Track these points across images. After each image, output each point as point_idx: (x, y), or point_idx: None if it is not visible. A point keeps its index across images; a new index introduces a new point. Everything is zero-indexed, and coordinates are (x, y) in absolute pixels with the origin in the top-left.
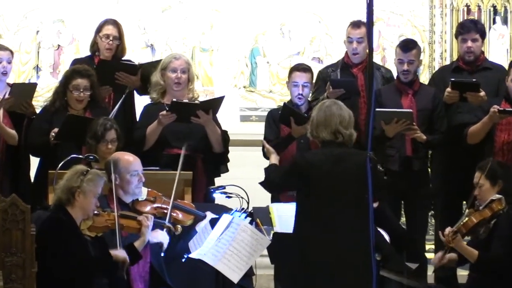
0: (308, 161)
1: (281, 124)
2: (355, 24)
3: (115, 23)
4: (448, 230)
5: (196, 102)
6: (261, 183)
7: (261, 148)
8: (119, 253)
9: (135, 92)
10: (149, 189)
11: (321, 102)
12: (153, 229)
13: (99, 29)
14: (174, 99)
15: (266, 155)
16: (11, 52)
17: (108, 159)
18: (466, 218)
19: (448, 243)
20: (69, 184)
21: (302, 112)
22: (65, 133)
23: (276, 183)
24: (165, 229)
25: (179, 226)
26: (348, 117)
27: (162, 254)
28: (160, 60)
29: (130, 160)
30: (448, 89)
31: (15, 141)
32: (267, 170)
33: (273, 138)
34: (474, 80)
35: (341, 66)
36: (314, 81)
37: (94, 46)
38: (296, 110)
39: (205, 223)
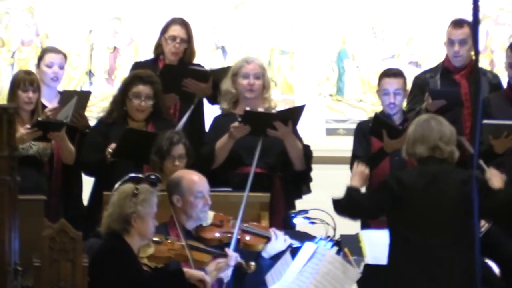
0: (401, 181)
1: (371, 137)
2: (457, 23)
3: (183, 23)
4: None
5: (273, 111)
6: (334, 203)
7: (349, 166)
8: (196, 272)
9: (205, 101)
10: (216, 213)
11: (418, 117)
12: None
13: (164, 30)
14: (248, 108)
15: None
16: (65, 56)
17: (169, 178)
18: None
19: None
20: (123, 212)
21: (395, 123)
22: (124, 150)
23: (360, 203)
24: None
25: (252, 264)
26: (450, 133)
27: None
28: None
29: (194, 179)
30: None
31: (72, 158)
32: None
33: (362, 155)
34: None
35: (441, 71)
36: (408, 87)
37: (159, 48)
38: (389, 122)
39: (273, 247)
